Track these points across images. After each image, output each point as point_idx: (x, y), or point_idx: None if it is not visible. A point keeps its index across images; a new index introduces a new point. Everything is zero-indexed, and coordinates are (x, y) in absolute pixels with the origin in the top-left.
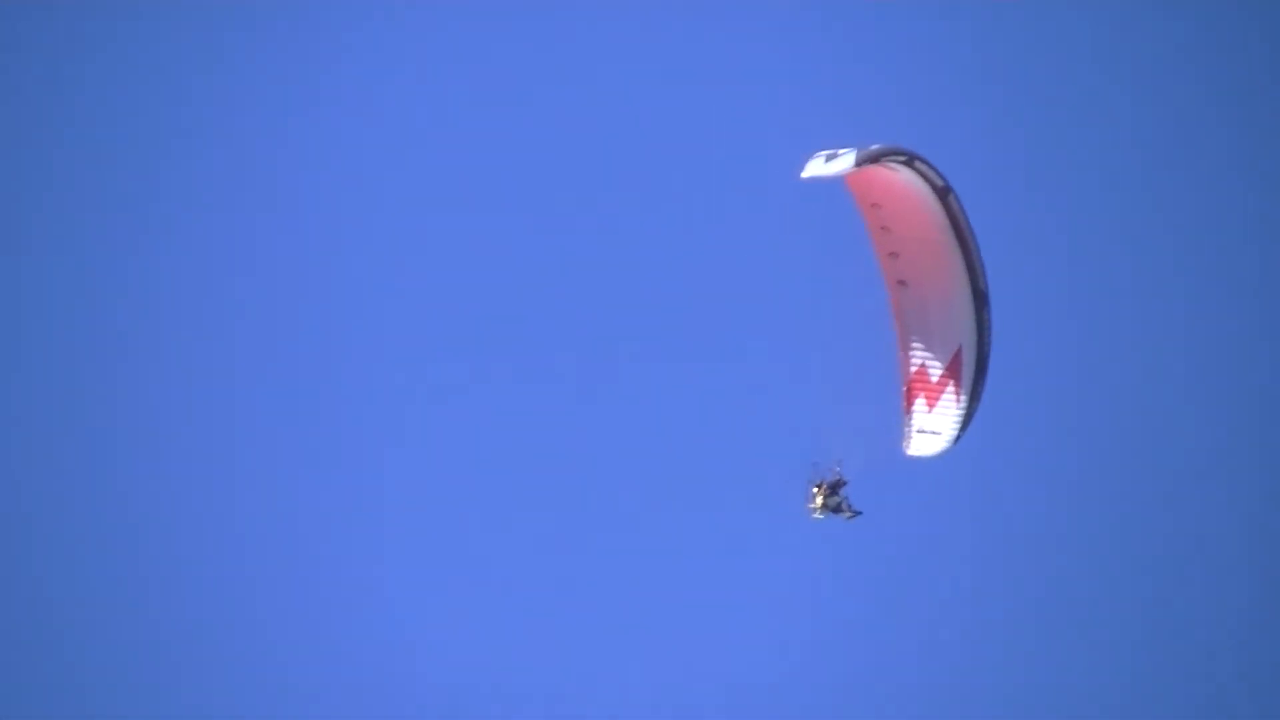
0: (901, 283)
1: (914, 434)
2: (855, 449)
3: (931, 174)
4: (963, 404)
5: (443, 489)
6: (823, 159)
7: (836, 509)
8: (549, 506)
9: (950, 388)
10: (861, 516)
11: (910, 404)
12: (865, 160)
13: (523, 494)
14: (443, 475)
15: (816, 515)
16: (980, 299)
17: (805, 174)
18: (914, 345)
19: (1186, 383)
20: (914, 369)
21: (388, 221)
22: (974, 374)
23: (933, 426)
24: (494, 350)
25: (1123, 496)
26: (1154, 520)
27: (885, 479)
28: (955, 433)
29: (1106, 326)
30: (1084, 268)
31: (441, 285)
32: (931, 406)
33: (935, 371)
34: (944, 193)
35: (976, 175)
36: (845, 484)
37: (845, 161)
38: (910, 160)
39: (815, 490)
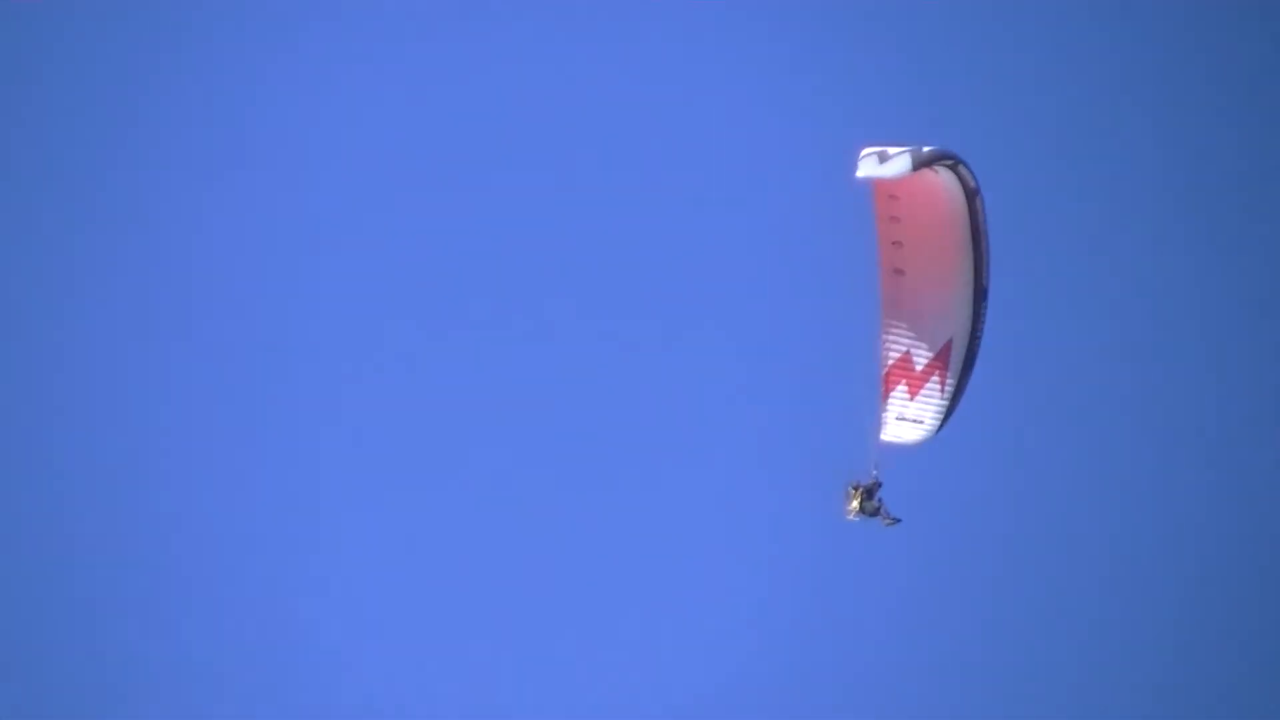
0: (899, 271)
1: (893, 420)
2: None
3: (968, 175)
4: (948, 394)
5: (431, 487)
6: (875, 159)
7: (874, 513)
8: (538, 505)
9: (936, 377)
10: (900, 524)
11: (889, 389)
12: (921, 164)
13: (514, 493)
14: (433, 475)
15: (852, 517)
16: (981, 295)
17: (860, 174)
18: (899, 333)
19: (1185, 383)
20: (896, 356)
21: (365, 217)
22: (962, 366)
23: (914, 415)
24: (494, 349)
25: (1122, 496)
26: (1152, 521)
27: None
28: (937, 423)
29: (1104, 326)
30: (1082, 268)
31: (437, 283)
32: (914, 394)
33: (921, 361)
34: (974, 194)
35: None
36: (881, 486)
37: (901, 164)
38: (955, 164)
39: (853, 491)
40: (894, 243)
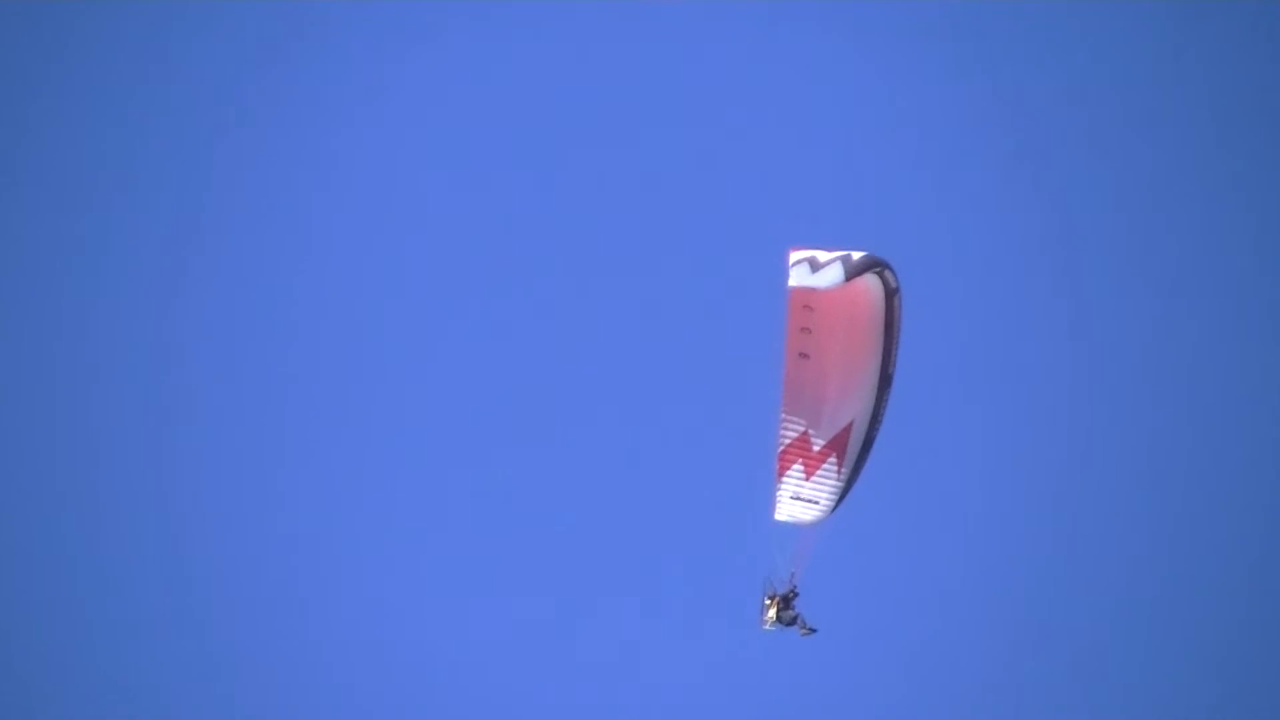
0: (804, 355)
1: (787, 500)
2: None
3: (891, 278)
4: (844, 476)
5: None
6: (806, 266)
7: (791, 623)
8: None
9: (833, 459)
10: (816, 634)
11: (784, 469)
12: (852, 275)
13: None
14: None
15: (768, 627)
16: (886, 382)
17: (792, 283)
18: (799, 415)
19: (1183, 383)
20: (793, 437)
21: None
22: (860, 450)
23: (809, 495)
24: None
25: (1118, 497)
26: (1147, 524)
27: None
28: (832, 503)
29: (1100, 329)
30: (1080, 270)
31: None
32: (809, 475)
33: (819, 443)
34: (893, 293)
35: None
36: (797, 595)
37: (833, 275)
38: (883, 270)
39: (768, 601)
40: (803, 329)
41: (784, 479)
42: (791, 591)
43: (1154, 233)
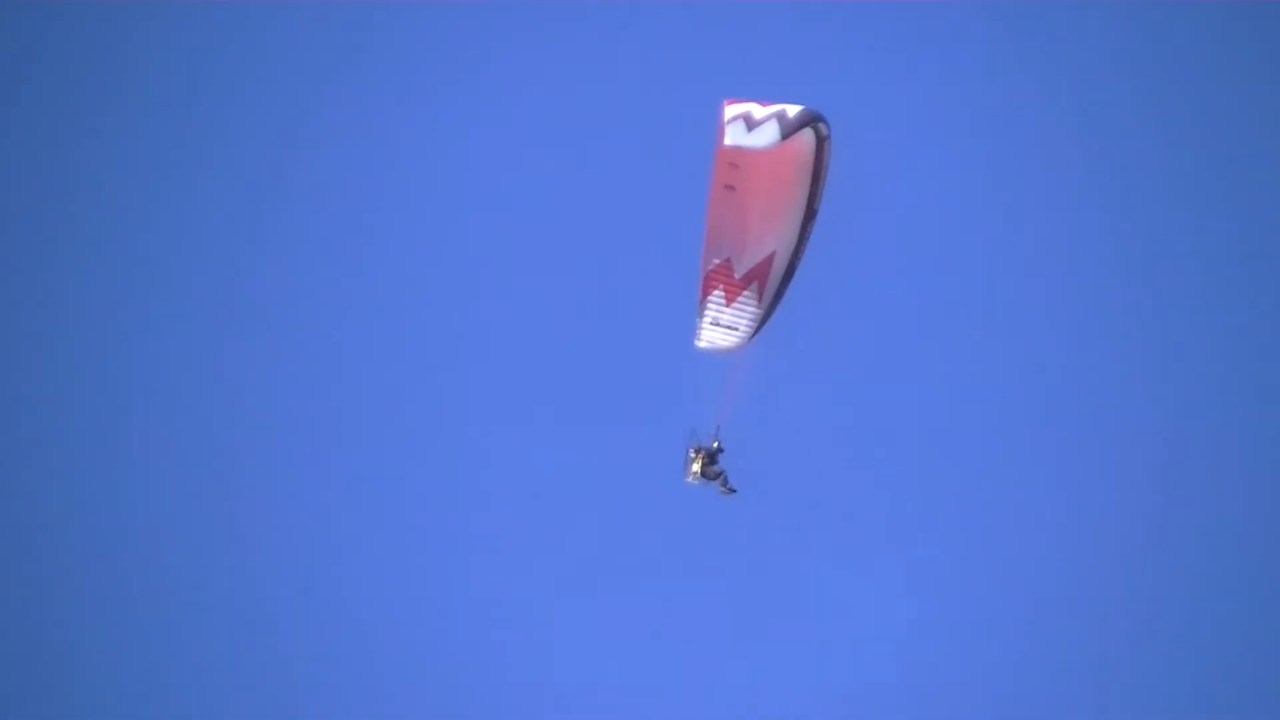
0: (729, 186)
1: (707, 325)
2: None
3: (823, 127)
4: (764, 304)
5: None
6: (741, 124)
7: (714, 478)
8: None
9: (754, 287)
10: (736, 495)
11: (707, 294)
12: (788, 133)
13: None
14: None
15: (691, 480)
16: (810, 216)
17: (728, 141)
18: (723, 243)
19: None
20: (716, 264)
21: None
22: (781, 279)
23: (729, 321)
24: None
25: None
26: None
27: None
28: (751, 330)
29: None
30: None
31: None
32: (730, 301)
33: (741, 269)
34: (824, 140)
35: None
36: (722, 452)
37: (769, 134)
38: (817, 122)
39: (693, 455)
40: (730, 164)
41: (706, 305)
42: (717, 448)
43: (1141, 220)
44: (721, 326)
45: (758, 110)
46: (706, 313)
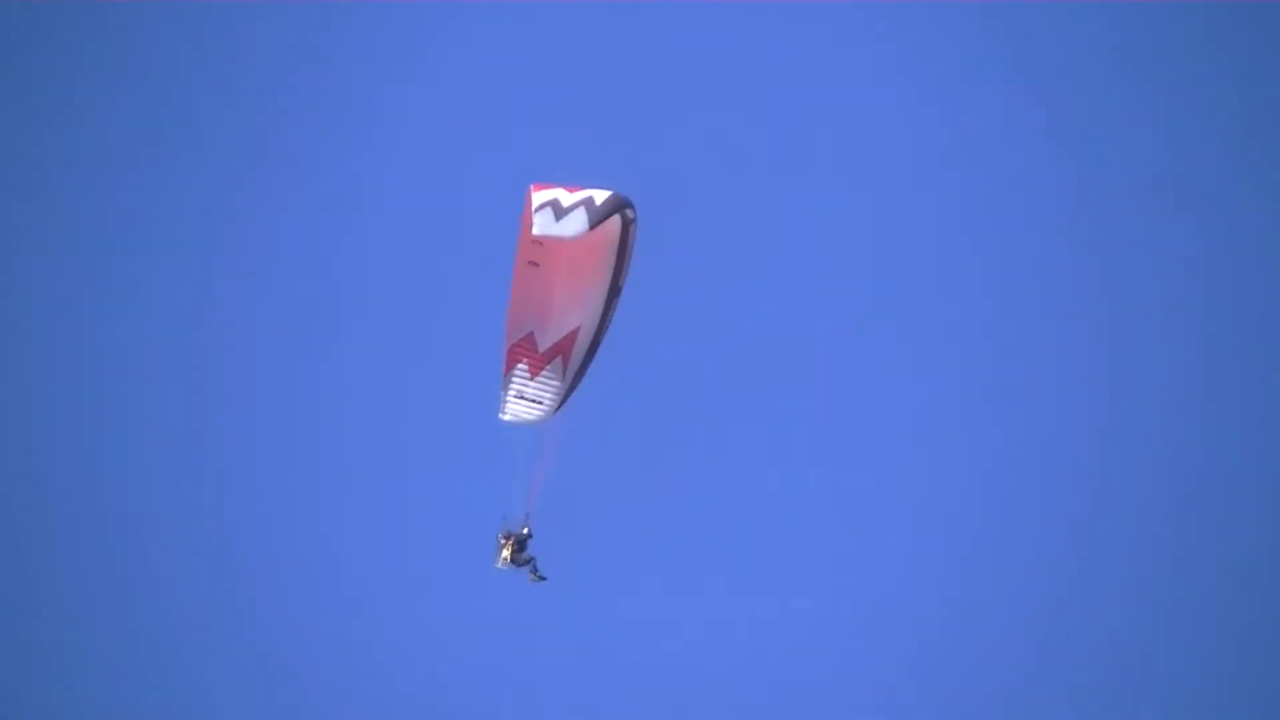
0: (533, 263)
1: (511, 399)
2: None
3: (630, 213)
4: (569, 378)
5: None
6: (550, 212)
7: (524, 564)
8: None
9: (558, 361)
10: (545, 583)
11: (510, 368)
12: (597, 223)
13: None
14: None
15: (501, 566)
16: (615, 293)
17: (536, 231)
18: (526, 318)
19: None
20: (520, 337)
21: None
22: (586, 353)
23: (533, 395)
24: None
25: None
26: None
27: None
28: (555, 403)
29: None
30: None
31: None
32: (534, 375)
33: (545, 344)
34: (630, 223)
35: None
36: (531, 538)
37: (578, 224)
38: (624, 208)
39: (503, 541)
40: (534, 242)
41: (510, 379)
42: (525, 533)
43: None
44: (525, 400)
45: (565, 197)
46: (511, 386)
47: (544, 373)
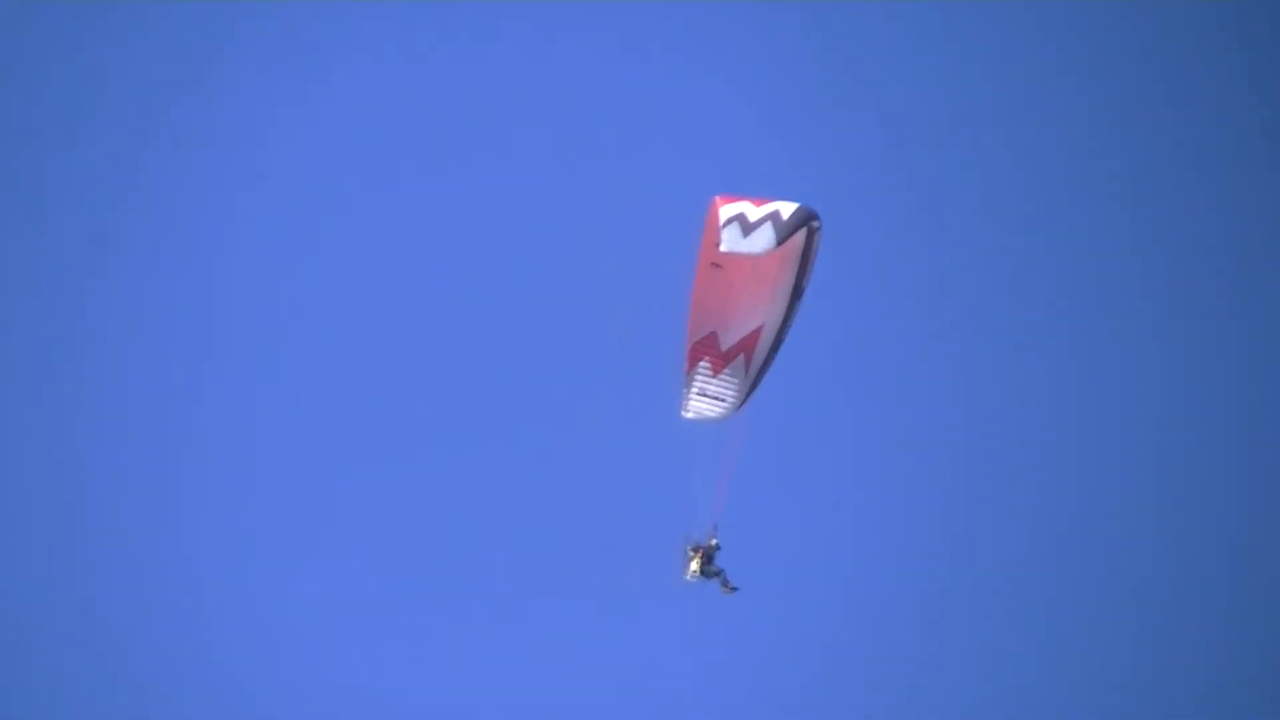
0: (716, 265)
1: (694, 396)
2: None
3: (816, 224)
4: (751, 377)
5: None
6: (737, 228)
7: (714, 576)
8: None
9: (741, 359)
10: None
11: (693, 365)
12: (784, 238)
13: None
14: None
15: (691, 579)
16: (798, 294)
17: (724, 248)
18: (709, 316)
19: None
20: (702, 335)
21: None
22: (769, 351)
23: (715, 393)
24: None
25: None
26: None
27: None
28: (737, 400)
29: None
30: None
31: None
32: (716, 372)
33: (728, 342)
34: (814, 232)
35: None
36: (719, 549)
37: (764, 240)
38: (810, 220)
39: (691, 553)
40: (715, 242)
41: (693, 376)
42: (713, 546)
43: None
44: (708, 397)
45: (751, 211)
46: (694, 383)
47: (726, 371)
